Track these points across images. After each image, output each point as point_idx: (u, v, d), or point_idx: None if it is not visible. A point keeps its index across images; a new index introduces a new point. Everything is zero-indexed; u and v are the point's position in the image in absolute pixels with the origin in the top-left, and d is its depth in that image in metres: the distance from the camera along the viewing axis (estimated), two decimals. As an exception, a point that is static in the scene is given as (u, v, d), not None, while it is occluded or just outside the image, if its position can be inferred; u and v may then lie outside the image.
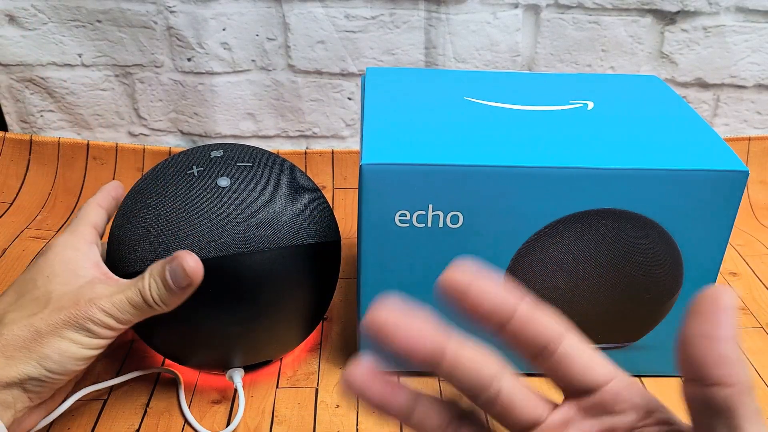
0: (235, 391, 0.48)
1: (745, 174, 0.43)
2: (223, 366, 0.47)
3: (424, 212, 0.44)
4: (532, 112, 0.49)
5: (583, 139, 0.45)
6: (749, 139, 0.76)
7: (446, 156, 0.43)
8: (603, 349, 0.50)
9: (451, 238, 0.44)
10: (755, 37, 0.74)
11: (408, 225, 0.44)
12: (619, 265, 0.46)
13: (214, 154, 0.46)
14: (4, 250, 0.65)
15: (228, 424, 0.46)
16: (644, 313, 0.48)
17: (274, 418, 0.47)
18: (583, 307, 0.47)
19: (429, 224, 0.44)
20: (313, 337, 0.54)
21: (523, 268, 0.46)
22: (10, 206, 0.72)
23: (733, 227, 0.59)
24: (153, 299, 0.39)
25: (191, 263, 0.38)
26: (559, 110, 0.49)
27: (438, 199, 0.43)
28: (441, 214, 0.44)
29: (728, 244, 0.68)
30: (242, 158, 0.46)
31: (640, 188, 0.43)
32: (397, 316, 0.23)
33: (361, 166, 0.42)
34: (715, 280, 0.47)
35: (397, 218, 0.44)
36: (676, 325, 0.47)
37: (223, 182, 0.44)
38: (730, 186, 0.43)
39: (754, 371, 0.52)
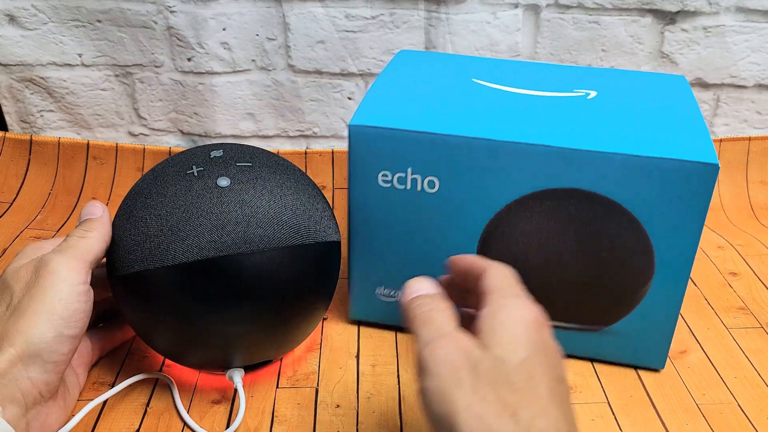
0: (235, 391, 0.48)
1: (715, 168, 0.43)
2: (223, 366, 0.47)
3: (403, 174, 0.47)
4: (531, 96, 0.51)
5: (564, 122, 0.47)
6: (749, 139, 0.76)
7: (427, 124, 0.46)
8: (578, 329, 0.51)
9: (428, 201, 0.48)
10: (755, 37, 0.73)
11: (389, 185, 0.48)
12: (589, 247, 0.47)
13: (214, 154, 0.46)
14: (4, 250, 0.65)
15: (228, 424, 0.46)
16: (616, 298, 0.49)
17: (275, 418, 0.47)
18: (556, 284, 0.49)
19: (408, 186, 0.47)
20: (313, 337, 0.54)
21: (495, 239, 0.48)
22: (10, 206, 0.72)
23: (734, 227, 0.59)
24: None
25: None
26: (558, 96, 0.51)
27: (416, 163, 0.47)
28: (419, 177, 0.47)
29: (729, 244, 0.68)
30: (242, 158, 0.46)
31: (607, 171, 0.44)
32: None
33: (349, 126, 0.47)
34: (689, 273, 0.47)
35: (380, 178, 0.48)
36: (650, 313, 0.49)
37: (223, 182, 0.43)
38: (700, 179, 0.43)
39: (754, 371, 0.52)
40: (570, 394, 0.33)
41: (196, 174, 0.44)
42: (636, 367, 0.52)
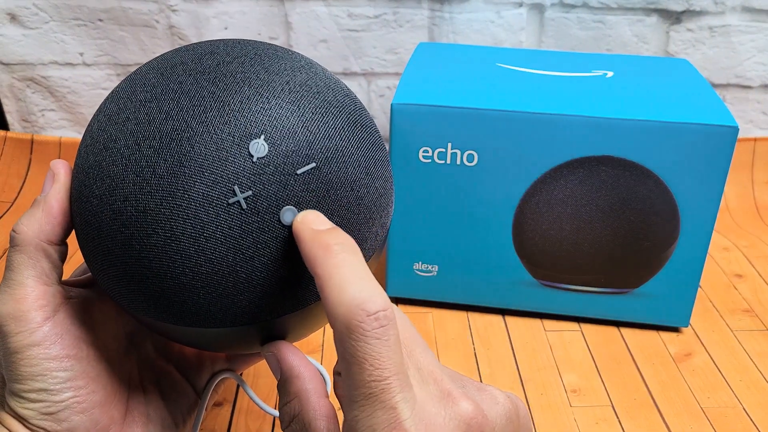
0: (237, 393, 0.48)
1: (735, 129, 0.47)
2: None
3: (444, 150, 0.50)
4: (554, 76, 0.54)
5: (591, 96, 0.50)
6: (755, 140, 0.76)
7: (465, 101, 0.49)
8: (606, 293, 0.54)
9: (467, 174, 0.50)
10: (761, 37, 0.73)
11: (430, 161, 0.50)
12: (619, 211, 0.50)
13: (253, 149, 0.27)
14: (5, 250, 0.65)
15: (230, 426, 0.46)
16: (644, 261, 0.52)
17: (276, 420, 0.46)
18: (587, 249, 0.51)
19: (448, 161, 0.50)
20: (315, 338, 0.54)
21: (530, 208, 0.51)
22: (11, 206, 0.72)
23: (740, 228, 0.58)
24: None
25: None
26: (580, 76, 0.54)
27: (456, 138, 0.49)
28: (459, 152, 0.50)
29: (734, 246, 0.68)
30: (297, 152, 0.28)
31: (636, 137, 0.48)
32: None
33: (391, 105, 0.49)
34: (710, 234, 0.50)
35: (420, 154, 0.50)
36: (674, 274, 0.52)
37: (288, 216, 0.27)
38: (720, 140, 0.47)
39: (759, 374, 0.52)
40: None
41: (244, 205, 0.27)
42: (661, 328, 0.55)
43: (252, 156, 0.27)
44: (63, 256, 0.32)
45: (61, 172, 0.31)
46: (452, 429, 0.24)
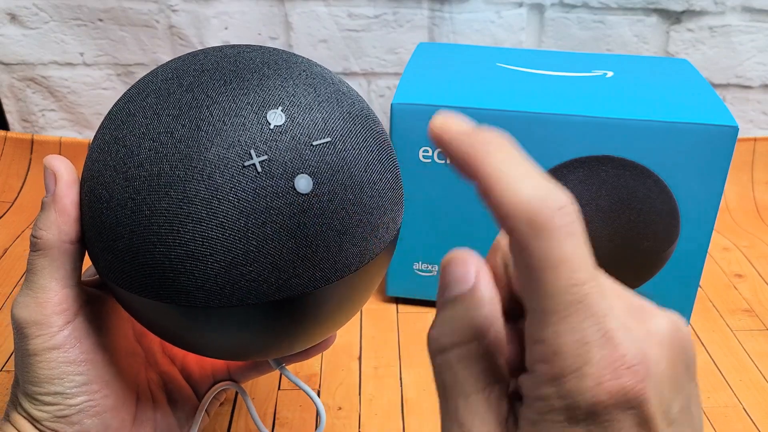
0: (237, 393, 0.48)
1: (735, 129, 0.47)
2: None
3: None
4: (554, 76, 0.54)
5: (591, 96, 0.50)
6: (755, 140, 0.76)
7: (465, 100, 0.49)
8: None
9: None
10: (761, 37, 0.73)
11: (430, 161, 0.50)
12: (619, 211, 0.50)
13: (271, 119, 0.28)
14: (6, 250, 0.65)
15: (230, 426, 0.46)
16: (643, 261, 0.52)
17: (276, 421, 0.46)
18: None
19: (448, 161, 0.48)
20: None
21: None
22: (11, 205, 0.72)
23: (740, 228, 0.58)
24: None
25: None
26: (580, 76, 0.54)
27: None
28: None
29: (734, 246, 0.68)
30: (313, 125, 0.29)
31: (636, 137, 0.48)
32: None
33: (391, 105, 0.49)
34: (710, 234, 0.50)
35: (420, 154, 0.50)
36: (674, 274, 0.52)
37: (302, 183, 0.28)
38: (720, 140, 0.47)
39: (759, 374, 0.52)
40: None
41: (258, 168, 0.27)
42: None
43: (269, 123, 0.28)
44: (82, 256, 0.31)
45: (62, 166, 0.30)
46: (656, 344, 0.20)
